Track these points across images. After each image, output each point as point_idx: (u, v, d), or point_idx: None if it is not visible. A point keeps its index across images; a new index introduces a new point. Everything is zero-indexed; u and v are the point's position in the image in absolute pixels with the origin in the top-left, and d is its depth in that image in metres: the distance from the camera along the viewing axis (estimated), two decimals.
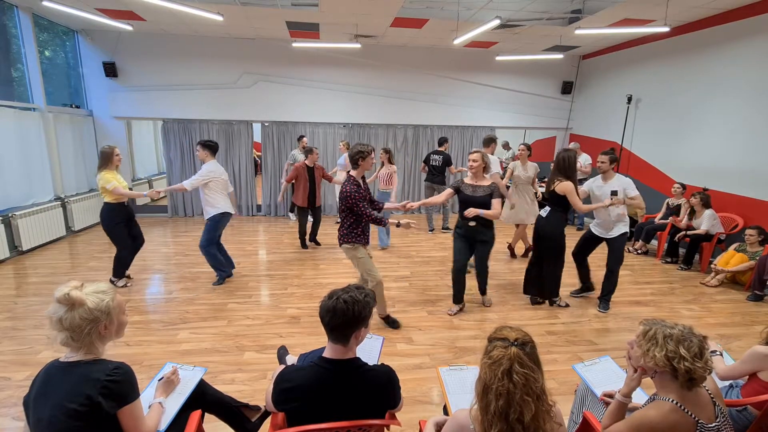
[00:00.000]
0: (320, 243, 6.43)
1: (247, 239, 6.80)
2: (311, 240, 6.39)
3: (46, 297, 4.29)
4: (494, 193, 3.73)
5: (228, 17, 6.18)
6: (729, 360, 2.22)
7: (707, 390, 1.50)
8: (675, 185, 6.23)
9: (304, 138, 7.70)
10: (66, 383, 1.39)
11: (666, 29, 5.71)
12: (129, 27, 6.81)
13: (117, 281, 4.64)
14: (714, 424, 1.43)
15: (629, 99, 7.39)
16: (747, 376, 2.02)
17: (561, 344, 3.58)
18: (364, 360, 1.66)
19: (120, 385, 1.41)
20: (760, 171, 5.35)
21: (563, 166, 3.91)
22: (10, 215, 5.54)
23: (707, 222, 5.49)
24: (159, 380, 1.88)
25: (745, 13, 5.50)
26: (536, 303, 4.36)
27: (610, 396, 1.86)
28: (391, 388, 1.65)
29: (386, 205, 3.91)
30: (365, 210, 3.49)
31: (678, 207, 6.15)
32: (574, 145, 8.46)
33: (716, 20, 5.90)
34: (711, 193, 5.74)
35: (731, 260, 5.08)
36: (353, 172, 3.58)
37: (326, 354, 1.63)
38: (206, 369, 2.06)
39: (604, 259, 4.28)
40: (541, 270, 4.23)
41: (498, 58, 8.18)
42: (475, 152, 3.76)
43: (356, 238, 3.58)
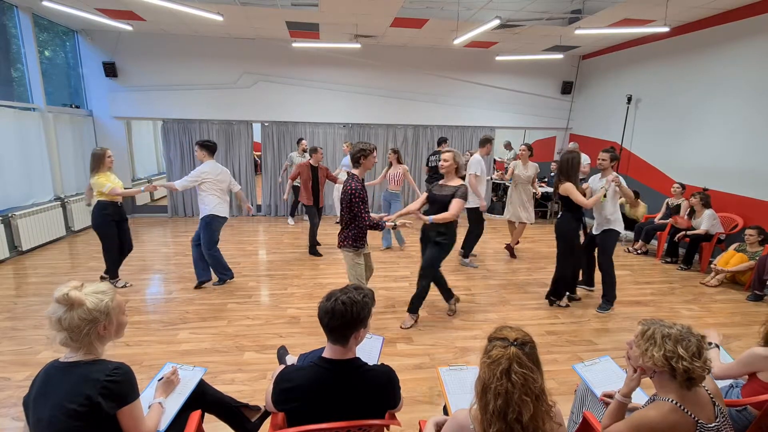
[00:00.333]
0: (320, 243, 6.34)
1: (247, 239, 6.80)
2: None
3: (46, 297, 4.29)
4: (456, 194, 3.58)
5: (228, 17, 6.18)
6: (726, 357, 2.22)
7: (707, 390, 1.50)
8: (675, 185, 6.23)
9: (304, 141, 7.64)
10: (66, 383, 1.39)
11: (666, 29, 5.71)
12: (129, 27, 6.81)
13: (116, 282, 4.61)
14: (714, 424, 1.43)
15: (629, 99, 7.39)
16: (747, 376, 2.02)
17: (561, 344, 3.58)
18: (364, 360, 1.66)
19: (120, 386, 1.41)
20: (760, 171, 5.35)
21: (565, 168, 3.98)
22: (10, 215, 5.54)
23: (707, 222, 5.49)
24: (159, 380, 1.88)
25: (745, 13, 5.50)
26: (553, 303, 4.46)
27: (610, 396, 1.86)
28: (391, 388, 1.65)
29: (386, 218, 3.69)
30: (364, 213, 3.38)
31: (678, 207, 6.15)
32: (573, 145, 8.47)
33: (716, 20, 5.90)
34: (711, 193, 5.74)
35: (731, 260, 5.08)
36: (355, 171, 3.48)
37: (326, 354, 1.62)
38: (206, 369, 2.06)
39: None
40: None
41: (498, 58, 8.18)
42: (447, 152, 3.65)
43: (361, 242, 3.49)
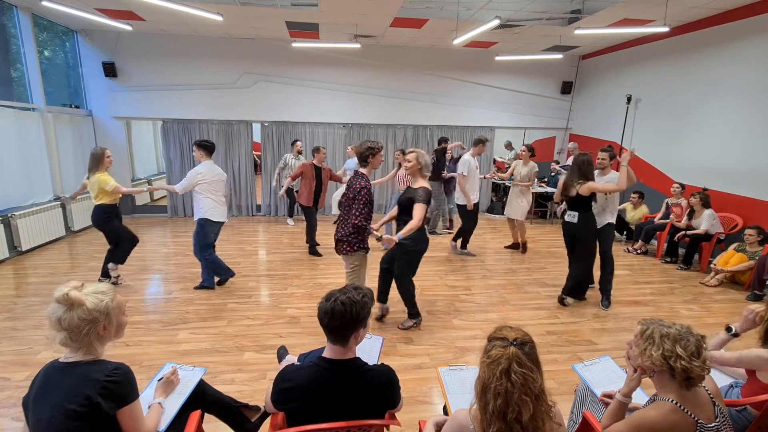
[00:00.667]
0: (318, 243, 6.29)
1: (247, 239, 6.79)
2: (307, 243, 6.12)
3: (46, 297, 4.29)
4: (416, 198, 3.36)
5: (228, 17, 6.18)
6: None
7: (707, 390, 1.50)
8: (674, 185, 6.23)
9: (298, 142, 7.58)
10: (65, 384, 1.39)
11: (666, 29, 5.71)
12: (128, 27, 6.80)
13: (113, 269, 4.65)
14: (713, 424, 1.43)
15: (629, 99, 7.39)
16: (747, 376, 2.02)
17: (561, 344, 3.58)
18: (364, 360, 1.66)
19: (119, 386, 1.41)
20: (760, 171, 5.35)
21: (583, 169, 4.00)
22: (10, 215, 5.54)
23: (707, 222, 5.49)
24: (158, 380, 1.88)
25: (745, 13, 5.50)
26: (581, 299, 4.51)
27: (610, 396, 1.86)
28: (391, 388, 1.65)
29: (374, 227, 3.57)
30: (359, 213, 3.28)
31: (677, 207, 6.15)
32: (573, 145, 8.48)
33: (716, 20, 5.90)
34: (710, 193, 5.74)
35: (731, 260, 5.08)
36: (364, 170, 3.40)
37: (326, 354, 1.62)
38: (206, 369, 2.06)
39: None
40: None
41: (498, 58, 8.18)
42: (410, 153, 3.53)
43: (366, 244, 3.46)
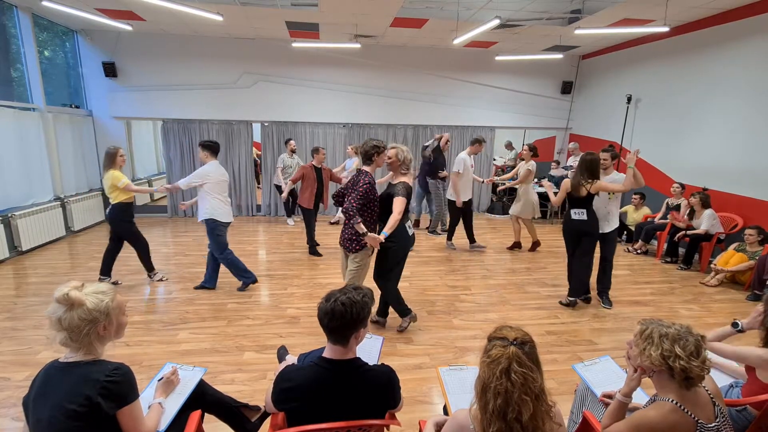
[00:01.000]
0: (318, 243, 6.25)
1: (247, 239, 6.79)
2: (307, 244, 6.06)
3: (46, 297, 4.29)
4: (394, 192, 3.35)
5: (228, 17, 6.18)
6: (731, 363, 2.22)
7: (707, 390, 1.50)
8: (674, 185, 6.23)
9: (291, 141, 7.59)
10: (65, 384, 1.39)
11: (666, 29, 5.71)
12: (129, 27, 6.80)
13: (153, 274, 4.82)
14: (714, 424, 1.43)
15: (629, 99, 7.38)
16: (747, 376, 2.02)
17: (561, 344, 3.58)
18: (364, 360, 1.66)
19: (119, 386, 1.41)
20: (760, 171, 5.35)
21: (592, 168, 4.04)
22: (10, 215, 5.54)
23: (707, 222, 5.49)
24: (159, 380, 1.88)
25: (745, 13, 5.50)
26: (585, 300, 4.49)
27: (609, 397, 1.86)
28: (391, 389, 1.65)
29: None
30: (354, 203, 3.20)
31: (678, 207, 6.15)
32: (573, 145, 8.48)
33: (716, 20, 5.90)
34: (710, 193, 5.74)
35: (731, 260, 5.08)
36: (367, 168, 3.36)
37: (326, 354, 1.62)
38: (206, 369, 2.06)
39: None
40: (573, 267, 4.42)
41: (498, 58, 8.18)
42: (391, 148, 3.48)
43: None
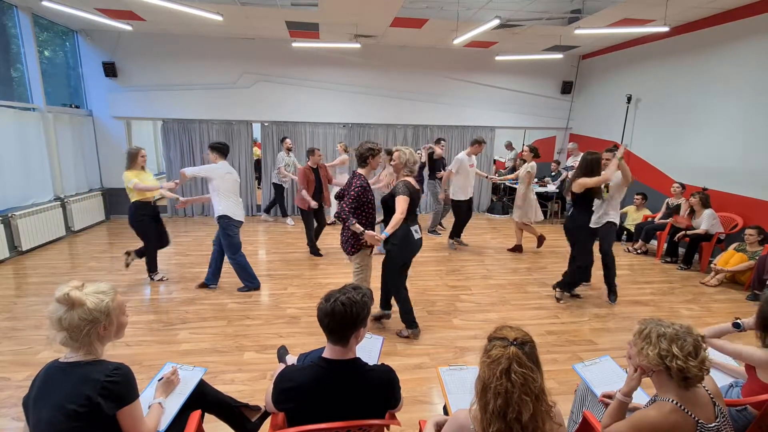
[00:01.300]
0: (321, 254, 5.95)
1: (247, 239, 6.79)
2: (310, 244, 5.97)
3: (46, 297, 4.29)
4: (395, 191, 3.39)
5: (228, 17, 6.18)
6: (729, 360, 2.22)
7: (707, 390, 1.50)
8: (674, 185, 6.23)
9: (287, 139, 7.61)
10: (66, 384, 1.39)
11: (665, 29, 5.71)
12: (129, 27, 6.80)
13: (155, 275, 4.82)
14: (714, 424, 1.43)
15: (629, 99, 7.38)
16: (747, 376, 2.03)
17: (561, 344, 3.58)
18: (364, 360, 1.66)
19: (119, 386, 1.41)
20: (760, 171, 5.35)
21: (589, 167, 4.14)
22: (10, 215, 5.53)
23: (707, 222, 5.49)
24: (159, 380, 1.88)
25: (745, 13, 5.50)
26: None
27: (609, 397, 1.86)
28: (391, 388, 1.65)
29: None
30: (348, 207, 3.25)
31: (678, 207, 6.15)
32: (573, 145, 8.48)
33: (716, 20, 5.90)
34: (710, 193, 5.74)
35: (731, 260, 5.08)
36: (362, 171, 3.40)
37: (326, 354, 1.62)
38: (206, 369, 2.06)
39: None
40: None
41: (498, 58, 8.18)
42: (394, 151, 3.56)
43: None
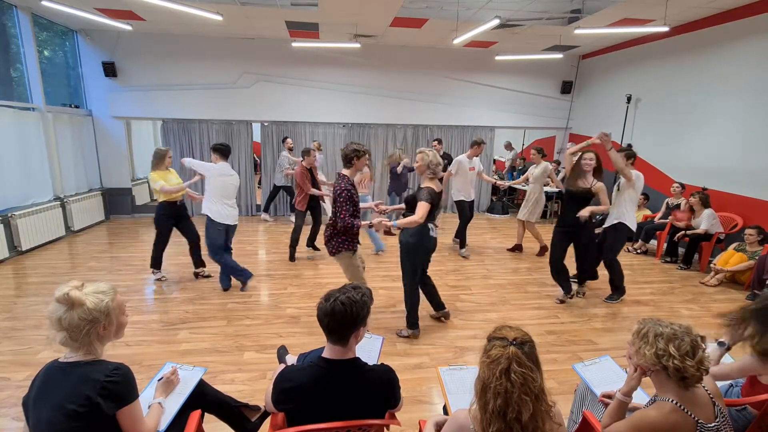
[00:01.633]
0: (319, 248, 5.96)
1: (247, 239, 6.79)
2: (309, 245, 5.91)
3: (46, 297, 4.29)
4: (419, 196, 3.43)
5: (227, 17, 6.17)
6: (728, 358, 2.22)
7: (706, 390, 1.50)
8: (674, 185, 6.23)
9: (288, 139, 7.65)
10: (65, 384, 1.39)
11: (665, 29, 5.71)
12: (128, 27, 6.80)
13: (155, 272, 4.83)
14: (713, 424, 1.43)
15: (629, 99, 7.38)
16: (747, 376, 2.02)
17: (561, 344, 3.58)
18: (364, 360, 1.66)
19: (119, 386, 1.41)
20: (760, 171, 5.35)
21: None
22: (10, 215, 5.53)
23: (706, 221, 5.49)
24: (158, 380, 1.88)
25: (745, 13, 5.50)
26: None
27: (609, 397, 1.86)
28: (391, 388, 1.65)
29: (360, 205, 3.61)
30: (345, 213, 3.27)
31: (678, 207, 6.15)
32: (571, 146, 8.46)
33: (716, 20, 5.90)
34: (710, 193, 5.74)
35: (730, 260, 5.08)
36: (346, 172, 3.41)
37: (326, 354, 1.62)
38: (206, 369, 2.06)
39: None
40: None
41: (497, 58, 8.18)
42: (419, 152, 3.52)
43: (352, 245, 3.43)
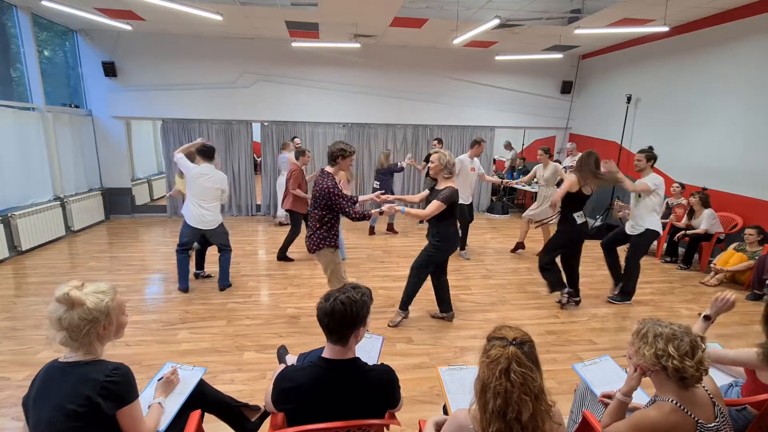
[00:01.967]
0: (293, 258, 5.66)
1: (247, 239, 6.79)
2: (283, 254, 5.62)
3: (46, 297, 4.29)
4: (437, 196, 3.48)
5: (227, 17, 6.17)
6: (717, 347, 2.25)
7: (706, 390, 1.50)
8: (674, 185, 6.23)
9: (296, 139, 7.66)
10: (65, 384, 1.39)
11: (665, 29, 5.71)
12: (128, 27, 6.80)
13: (200, 272, 4.89)
14: (713, 424, 1.44)
15: (629, 99, 7.38)
16: (747, 376, 2.03)
17: (560, 344, 3.58)
18: (364, 360, 1.65)
19: (119, 386, 1.41)
20: (760, 171, 5.35)
21: (578, 166, 4.08)
22: (9, 215, 5.53)
23: (706, 221, 5.49)
24: (158, 380, 1.88)
25: (745, 13, 5.50)
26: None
27: (609, 397, 1.86)
28: (391, 388, 1.65)
29: (360, 198, 3.68)
30: (348, 208, 3.27)
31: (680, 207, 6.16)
32: (571, 145, 8.47)
33: (716, 20, 5.90)
34: (710, 193, 5.74)
35: (730, 260, 5.08)
36: (329, 169, 3.38)
37: (326, 354, 1.62)
38: (206, 369, 2.06)
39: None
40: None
41: (497, 58, 8.17)
42: (434, 154, 3.57)
43: (333, 241, 3.41)
